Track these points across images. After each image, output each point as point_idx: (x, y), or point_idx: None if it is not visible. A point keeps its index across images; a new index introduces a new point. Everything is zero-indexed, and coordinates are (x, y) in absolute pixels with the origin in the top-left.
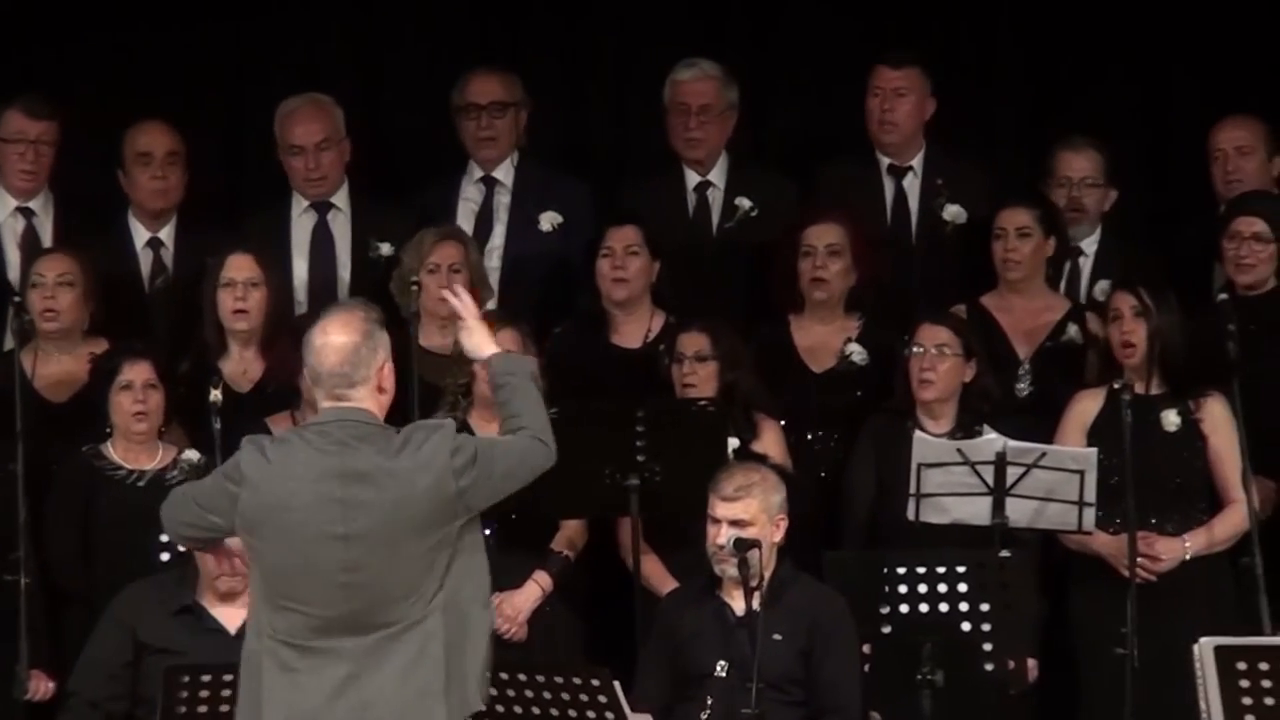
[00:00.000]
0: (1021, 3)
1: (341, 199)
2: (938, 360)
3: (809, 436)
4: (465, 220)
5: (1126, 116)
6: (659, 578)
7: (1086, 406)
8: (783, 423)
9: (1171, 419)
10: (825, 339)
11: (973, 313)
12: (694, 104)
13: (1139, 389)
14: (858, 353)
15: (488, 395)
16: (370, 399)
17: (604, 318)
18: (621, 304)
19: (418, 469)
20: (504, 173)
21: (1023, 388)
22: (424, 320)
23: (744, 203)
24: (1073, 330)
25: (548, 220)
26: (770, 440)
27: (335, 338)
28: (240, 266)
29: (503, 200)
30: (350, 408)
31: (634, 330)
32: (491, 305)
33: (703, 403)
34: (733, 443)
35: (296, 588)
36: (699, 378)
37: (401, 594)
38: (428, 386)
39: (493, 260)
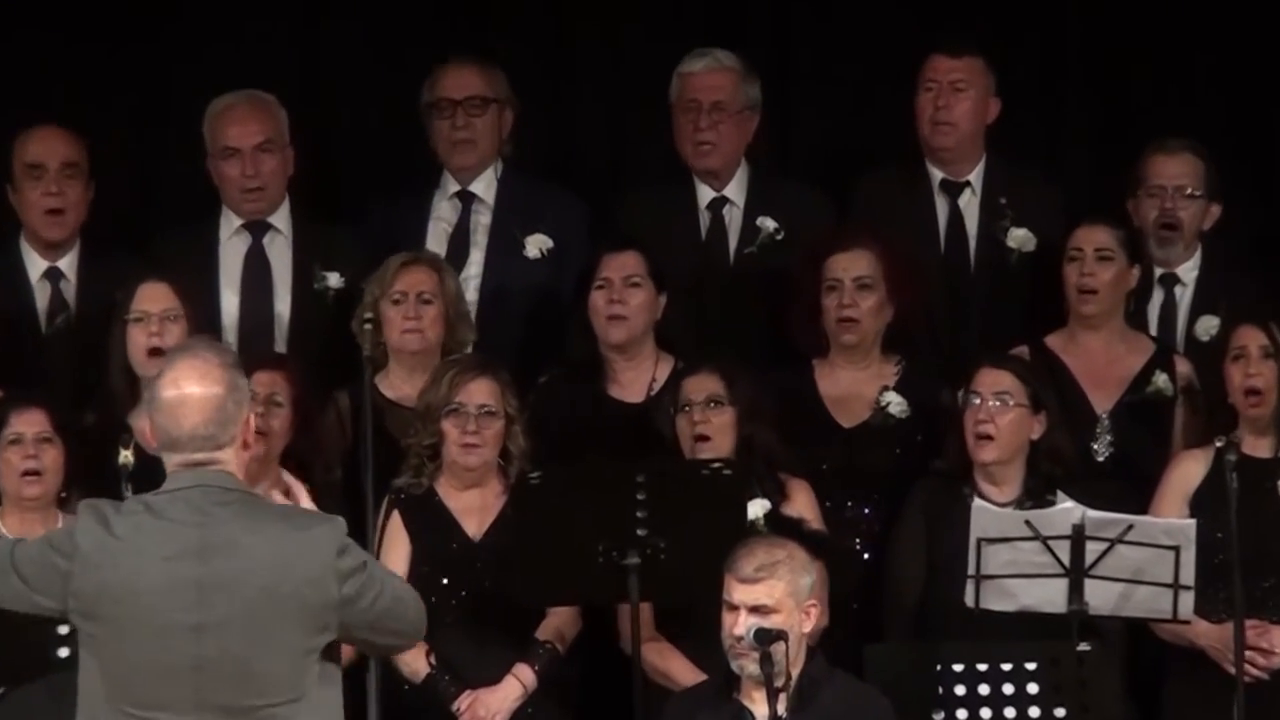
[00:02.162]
0: None
1: (281, 219)
2: (999, 413)
3: (842, 505)
4: (437, 244)
5: (1223, 120)
6: (681, 672)
7: (1190, 471)
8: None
9: None
10: (857, 388)
11: (1037, 357)
12: (706, 100)
13: (1252, 449)
14: (896, 403)
15: (460, 459)
16: (234, 460)
17: (599, 364)
18: (620, 347)
19: (298, 554)
20: (484, 186)
21: (1100, 449)
22: (390, 363)
23: (768, 224)
24: (1161, 380)
25: (535, 244)
26: (802, 504)
27: (193, 390)
28: (154, 298)
29: (482, 220)
30: (215, 471)
31: (635, 380)
32: (470, 347)
33: (717, 464)
34: (762, 505)
35: (143, 689)
36: (713, 427)
37: (277, 697)
38: (390, 444)
39: (468, 292)
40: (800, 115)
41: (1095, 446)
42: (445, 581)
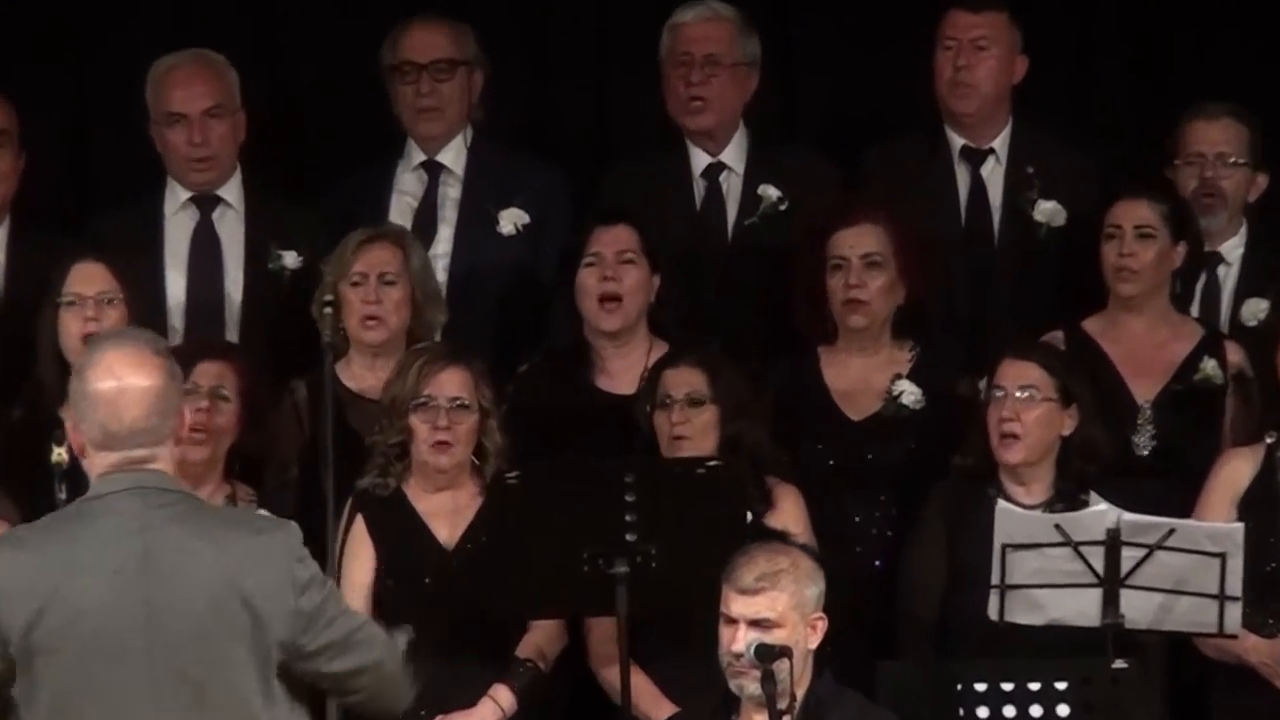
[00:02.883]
0: None
1: (232, 191)
2: (1025, 407)
3: (850, 506)
4: (401, 219)
5: (1271, 81)
6: (648, 700)
7: (1239, 470)
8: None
9: None
10: (866, 377)
11: (1073, 342)
12: (699, 54)
13: None
14: (909, 393)
15: (430, 458)
16: (170, 460)
17: (585, 352)
18: (613, 336)
19: (250, 562)
20: (452, 156)
21: (1142, 442)
22: (351, 351)
23: (770, 192)
24: (1209, 366)
25: (510, 219)
26: (789, 512)
27: (133, 381)
28: (90, 278)
29: (450, 193)
30: (152, 471)
31: (625, 369)
32: (439, 333)
33: (714, 462)
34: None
35: None
36: (693, 428)
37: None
38: (353, 441)
39: (437, 273)
40: (804, 74)
41: (1136, 440)
42: (415, 593)
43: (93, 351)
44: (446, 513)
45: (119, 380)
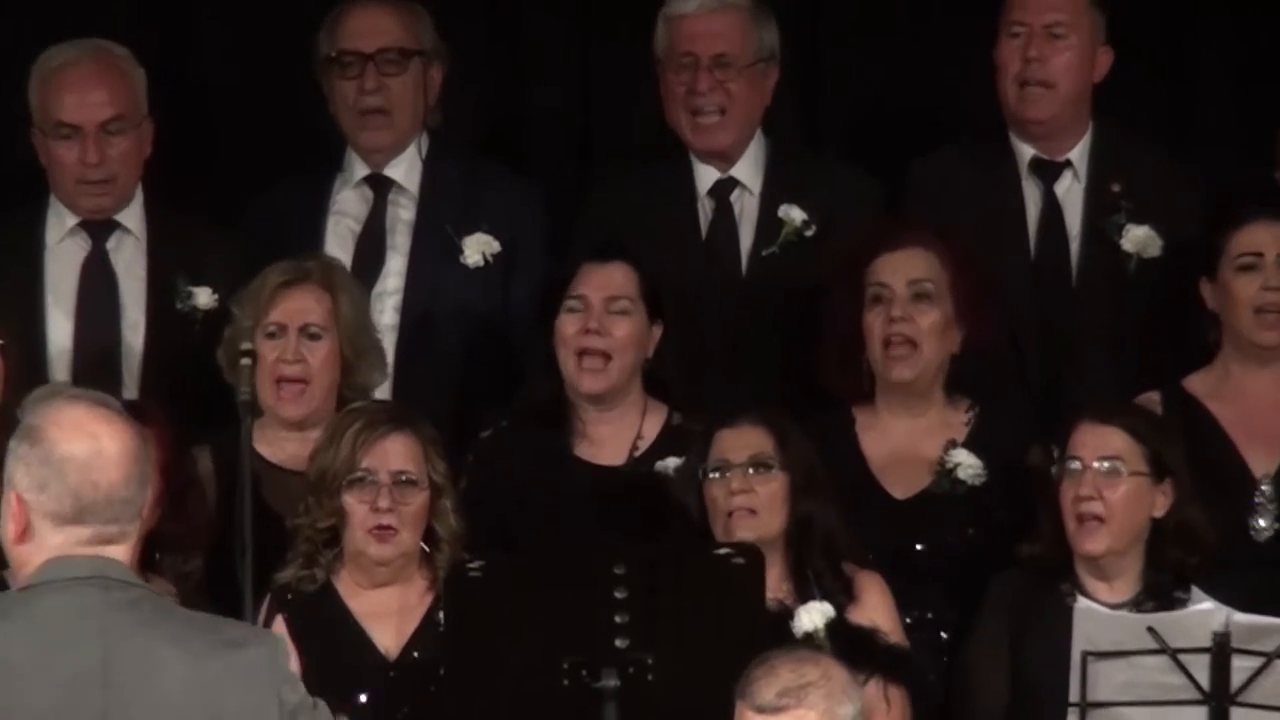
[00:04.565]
0: None
1: (132, 216)
2: (1108, 483)
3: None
4: (340, 248)
5: None
6: None
7: None
8: None
9: None
10: (913, 444)
11: (1174, 404)
12: (705, 53)
13: None
14: (967, 465)
15: (368, 547)
16: (133, 545)
17: (564, 413)
18: (596, 399)
19: (230, 679)
20: (404, 169)
21: (1263, 526)
22: (266, 414)
23: (793, 214)
24: None
25: (477, 247)
26: (876, 604)
27: (109, 444)
28: None
29: (402, 215)
30: (114, 561)
31: (613, 435)
32: (384, 387)
33: (724, 550)
34: (822, 611)
35: None
36: (759, 499)
37: None
38: (270, 523)
39: (385, 313)
40: (835, 68)
41: (1254, 522)
42: (349, 714)
43: (47, 410)
44: (389, 614)
45: (97, 443)
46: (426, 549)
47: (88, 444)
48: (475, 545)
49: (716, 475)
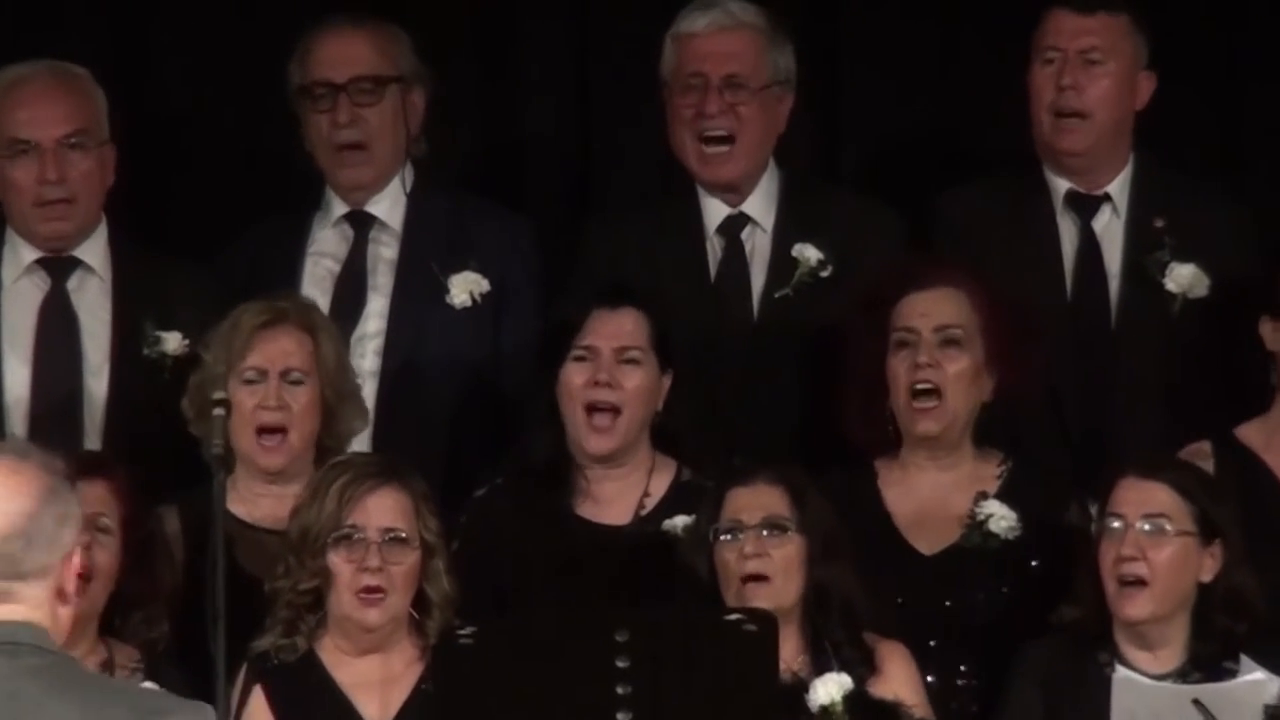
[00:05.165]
0: None
1: (95, 252)
2: (1153, 543)
3: (922, 668)
4: (318, 289)
5: None
6: None
7: None
8: None
9: None
10: (942, 498)
11: (1225, 455)
12: (715, 73)
13: None
14: (1000, 517)
15: (354, 612)
16: (43, 608)
17: (565, 469)
18: (603, 459)
19: None
20: (386, 205)
21: None
22: (239, 469)
23: (809, 253)
24: None
25: (465, 286)
26: (900, 676)
27: None
28: None
29: (384, 253)
30: (22, 624)
31: (619, 494)
32: (363, 439)
33: (735, 616)
34: (839, 683)
35: None
36: (773, 564)
37: None
38: (245, 587)
39: (366, 358)
40: (855, 95)
41: None
42: None
43: None
44: (375, 683)
45: None
46: (416, 614)
47: None
48: (468, 610)
49: (728, 537)
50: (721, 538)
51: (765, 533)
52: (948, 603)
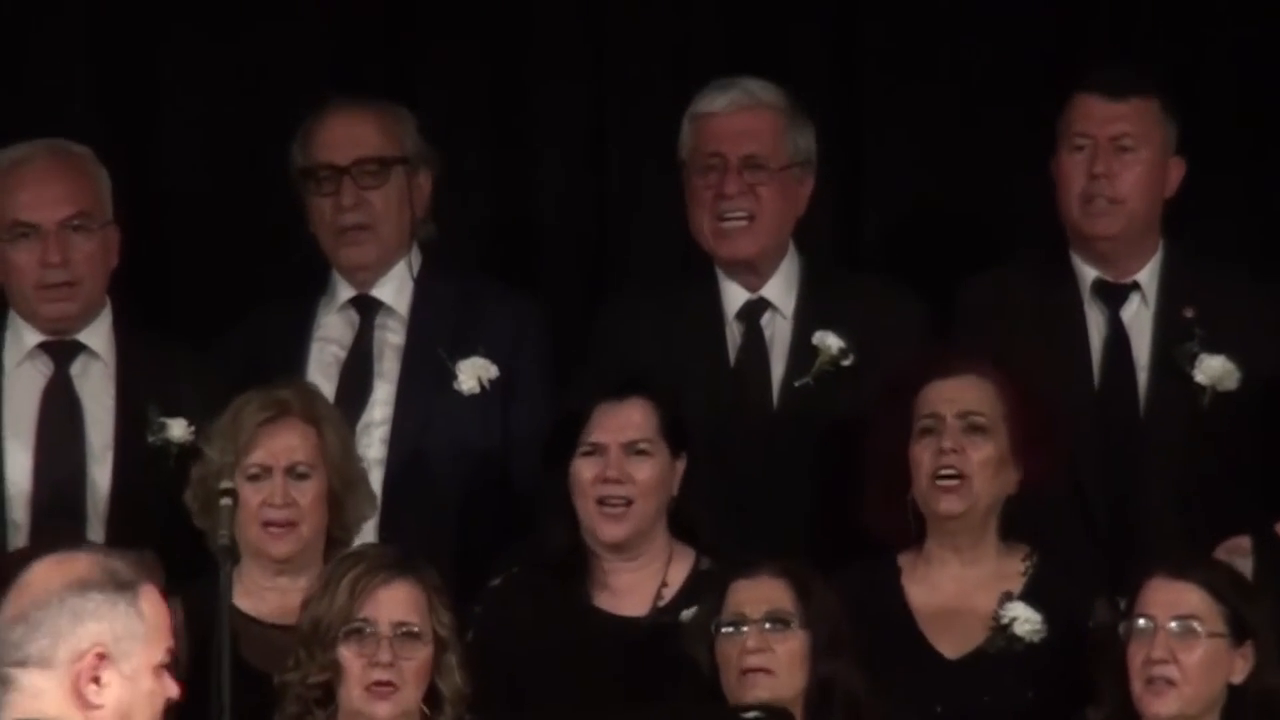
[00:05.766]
0: None
1: (99, 336)
2: (1183, 645)
3: None
4: (323, 376)
5: None
6: None
7: None
8: None
9: None
10: (966, 595)
11: (1264, 553)
12: (734, 154)
13: None
14: (1025, 619)
15: (366, 706)
16: (54, 703)
17: (582, 560)
18: (617, 548)
19: None
20: (392, 289)
21: None
22: (245, 562)
23: (830, 341)
24: None
25: (473, 372)
26: None
27: (31, 575)
28: None
29: (390, 338)
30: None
31: (636, 584)
32: (370, 528)
33: (754, 713)
34: None
35: None
36: (775, 659)
37: None
38: (252, 681)
39: (372, 447)
40: (878, 179)
41: None
42: None
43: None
44: None
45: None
46: (427, 711)
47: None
48: (481, 705)
49: (730, 630)
50: (724, 630)
51: (768, 626)
52: (970, 707)
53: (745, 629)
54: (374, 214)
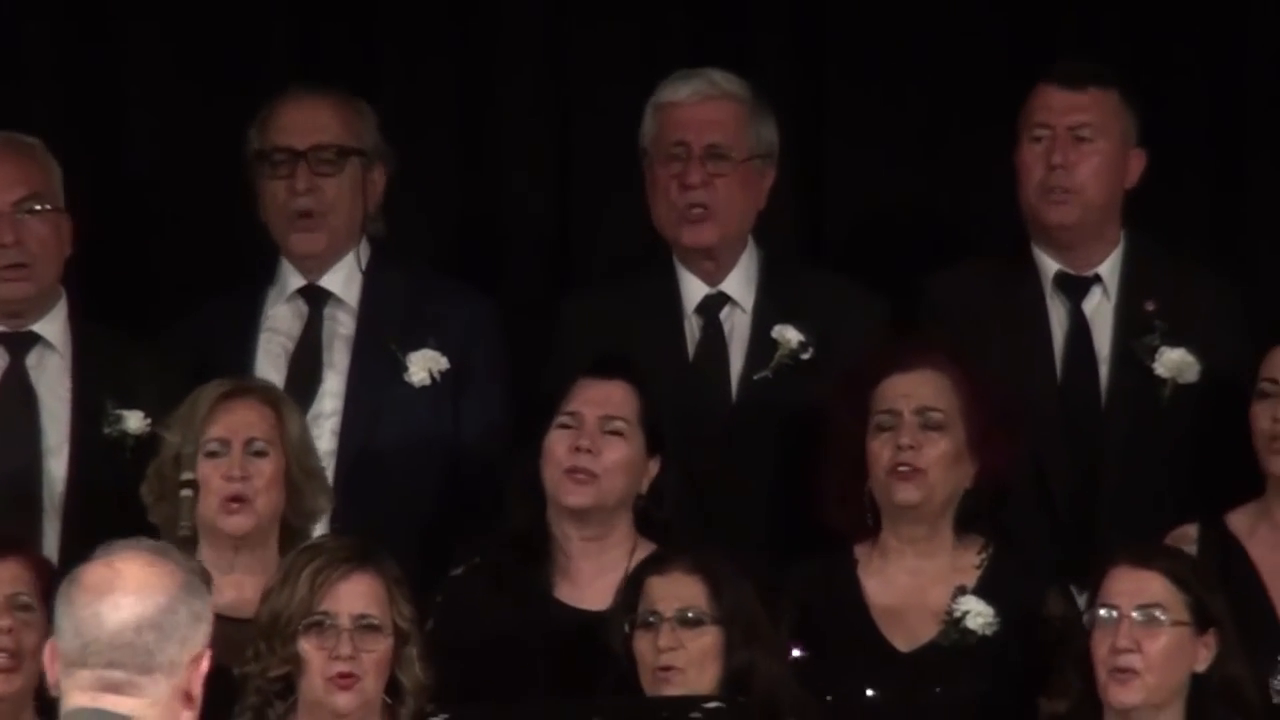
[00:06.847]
0: None
1: (55, 327)
2: (1146, 635)
3: None
4: (271, 367)
5: None
6: None
7: None
8: None
9: None
10: (920, 589)
11: (1210, 541)
12: (697, 143)
13: None
14: (977, 613)
15: (327, 698)
16: (161, 705)
17: (544, 549)
18: (580, 515)
19: None
20: (342, 280)
21: None
22: (202, 553)
23: (789, 335)
24: None
25: (423, 364)
26: None
27: (131, 578)
28: None
29: (340, 330)
30: (114, 715)
31: (598, 575)
32: (323, 523)
33: (713, 704)
34: None
35: None
36: (686, 656)
37: None
38: (210, 671)
39: (322, 438)
40: (839, 171)
41: (1276, 684)
42: None
43: (98, 552)
44: None
45: (114, 570)
46: (389, 700)
47: (104, 574)
48: (442, 696)
49: (644, 627)
50: (638, 628)
51: (680, 624)
52: (923, 701)
53: (659, 626)
54: (326, 202)
